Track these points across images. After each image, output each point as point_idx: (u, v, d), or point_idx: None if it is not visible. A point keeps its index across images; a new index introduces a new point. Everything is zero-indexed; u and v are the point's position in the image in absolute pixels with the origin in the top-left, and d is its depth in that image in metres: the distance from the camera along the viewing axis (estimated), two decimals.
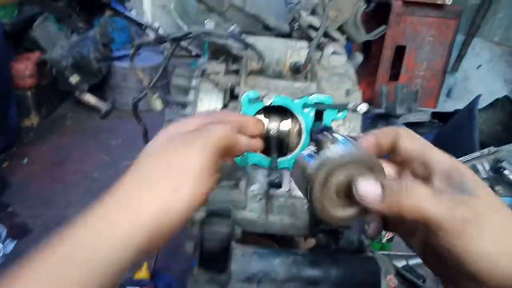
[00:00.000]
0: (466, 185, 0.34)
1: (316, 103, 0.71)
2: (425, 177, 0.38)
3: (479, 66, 2.86)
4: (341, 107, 0.53)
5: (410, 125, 2.44)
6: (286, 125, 0.80)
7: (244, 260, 0.64)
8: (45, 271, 0.34)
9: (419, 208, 0.34)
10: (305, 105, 0.75)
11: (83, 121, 2.82)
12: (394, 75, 2.95)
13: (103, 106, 2.87)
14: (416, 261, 1.37)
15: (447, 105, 3.03)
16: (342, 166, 0.38)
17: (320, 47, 0.89)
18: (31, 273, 0.33)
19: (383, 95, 2.33)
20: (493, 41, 2.80)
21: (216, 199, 0.75)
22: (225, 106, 0.79)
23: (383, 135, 0.41)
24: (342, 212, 0.40)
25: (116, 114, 2.95)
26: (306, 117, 0.75)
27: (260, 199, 0.77)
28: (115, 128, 2.76)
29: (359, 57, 1.04)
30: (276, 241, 1.12)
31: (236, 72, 0.84)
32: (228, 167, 0.61)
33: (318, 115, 0.74)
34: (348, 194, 0.38)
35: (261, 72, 0.84)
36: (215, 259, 0.69)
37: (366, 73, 3.01)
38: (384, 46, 2.79)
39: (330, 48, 0.91)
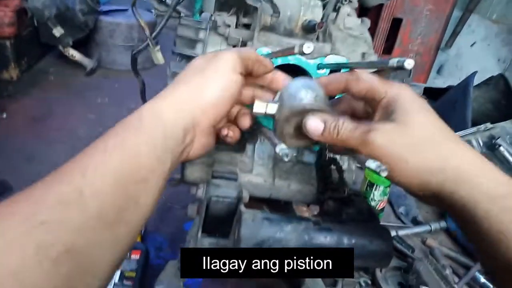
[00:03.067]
0: (395, 113, 0.44)
1: (346, 63, 0.67)
2: (374, 110, 0.48)
3: (474, 43, 2.85)
4: (381, 65, 0.48)
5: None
6: None
7: (254, 226, 0.61)
8: (117, 153, 0.39)
9: (343, 139, 0.45)
10: (320, 66, 0.71)
11: (67, 77, 2.69)
12: (387, 49, 2.91)
13: (88, 62, 2.75)
14: (405, 231, 1.39)
15: (437, 82, 3.03)
16: (293, 115, 0.50)
17: (336, 6, 0.84)
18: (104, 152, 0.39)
19: None
20: (490, 19, 2.77)
21: (222, 160, 0.72)
22: None
23: (334, 79, 0.52)
24: (298, 142, 0.53)
25: (102, 72, 2.84)
26: None
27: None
28: (101, 86, 2.66)
29: (367, 22, 1.00)
30: (275, 210, 1.10)
31: (247, 26, 0.78)
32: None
33: None
34: (302, 133, 0.50)
35: (271, 29, 0.79)
36: (220, 223, 0.66)
37: None
38: (381, 17, 2.74)
39: (346, 9, 0.86)
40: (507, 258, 0.37)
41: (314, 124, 0.47)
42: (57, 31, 2.51)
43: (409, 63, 0.44)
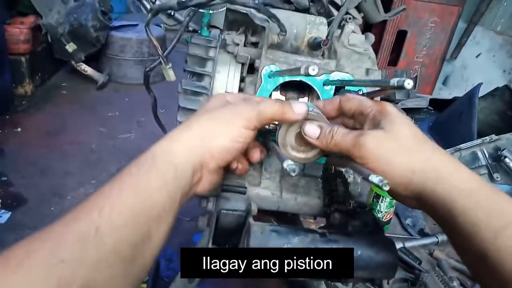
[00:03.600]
0: (382, 123, 0.50)
1: (354, 81, 0.70)
2: (363, 122, 0.53)
3: (479, 55, 2.85)
4: (383, 84, 0.50)
5: (408, 111, 2.43)
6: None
7: (263, 238, 0.62)
8: (132, 190, 0.42)
9: (336, 143, 0.51)
10: (326, 83, 0.74)
11: (79, 92, 2.74)
12: (392, 61, 2.93)
13: (99, 77, 2.80)
14: (412, 243, 1.39)
15: (442, 93, 3.03)
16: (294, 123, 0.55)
17: (341, 24, 0.86)
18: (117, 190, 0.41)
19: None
20: (495, 30, 2.78)
21: (232, 175, 0.73)
22: (243, 79, 0.77)
23: (328, 102, 0.59)
24: (300, 154, 0.58)
25: (113, 87, 2.89)
26: (326, 95, 0.73)
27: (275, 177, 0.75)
28: (111, 100, 2.70)
29: (371, 38, 1.02)
30: (282, 222, 1.12)
31: (255, 44, 0.81)
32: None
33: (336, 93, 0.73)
34: (303, 143, 0.56)
35: (278, 46, 0.81)
36: (230, 235, 0.67)
37: None
38: (386, 30, 2.76)
39: (350, 26, 0.88)
40: (480, 249, 0.40)
41: (312, 130, 0.53)
42: (70, 47, 2.57)
43: (408, 83, 0.46)
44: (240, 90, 0.76)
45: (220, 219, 0.66)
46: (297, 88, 0.77)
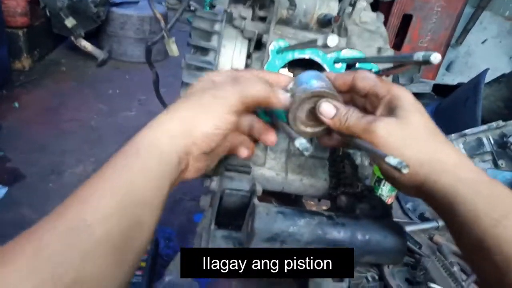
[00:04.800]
0: (396, 110, 0.50)
1: (368, 58, 0.67)
2: (376, 105, 0.53)
3: (485, 41, 2.80)
4: (404, 60, 0.48)
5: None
6: None
7: (268, 219, 0.60)
8: (117, 180, 0.41)
9: (349, 125, 0.51)
10: (337, 60, 0.71)
11: (79, 68, 2.70)
12: (396, 45, 2.88)
13: (99, 54, 2.75)
14: (412, 227, 1.39)
15: (445, 79, 2.98)
16: (307, 98, 0.54)
17: (352, 0, 0.83)
18: (105, 183, 0.41)
19: None
20: (503, 16, 2.72)
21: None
22: (249, 55, 0.74)
23: (341, 76, 0.57)
24: (308, 129, 0.57)
25: (113, 64, 2.85)
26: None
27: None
28: (112, 77, 2.66)
29: (381, 16, 0.99)
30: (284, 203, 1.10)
31: (263, 19, 0.78)
32: None
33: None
34: (314, 117, 0.55)
35: (287, 22, 0.78)
36: (233, 216, 0.66)
37: None
38: (391, 13, 2.70)
39: (362, 2, 0.85)
40: (479, 237, 0.41)
41: (328, 109, 0.53)
42: (69, 22, 2.52)
43: (435, 57, 0.44)
44: (247, 66, 0.73)
45: (223, 199, 0.64)
46: (305, 65, 0.74)
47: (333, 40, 0.47)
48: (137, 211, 0.41)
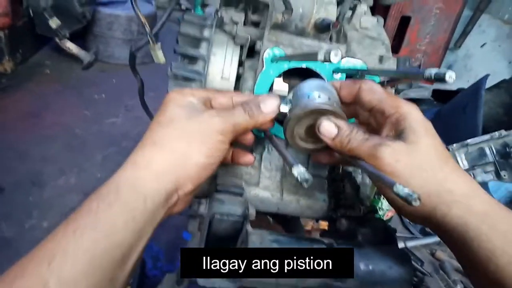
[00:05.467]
0: (404, 132, 0.46)
1: (369, 70, 0.62)
2: (381, 123, 0.50)
3: (484, 44, 2.78)
4: (414, 76, 0.42)
5: (409, 101, 2.36)
6: None
7: None
8: (93, 229, 0.36)
9: (352, 148, 0.48)
10: (336, 70, 0.66)
11: (63, 71, 2.63)
12: (394, 48, 2.85)
13: (85, 56, 2.68)
14: (413, 243, 1.34)
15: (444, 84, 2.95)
16: (306, 115, 0.49)
17: (352, 4, 0.78)
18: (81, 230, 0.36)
19: None
20: (502, 19, 2.70)
21: (226, 172, 0.65)
22: (241, 63, 0.68)
23: (347, 85, 0.53)
24: (306, 145, 0.53)
25: (100, 66, 2.77)
26: None
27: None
28: (98, 81, 2.60)
29: (381, 21, 0.94)
30: (279, 222, 1.04)
31: (256, 24, 0.72)
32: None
33: None
34: (313, 133, 0.50)
35: (282, 27, 0.72)
36: (224, 242, 0.60)
37: None
38: (389, 15, 2.67)
39: (363, 6, 0.80)
40: (496, 276, 0.39)
41: (329, 128, 0.48)
42: (53, 22, 2.43)
43: (450, 76, 0.39)
44: (239, 76, 0.67)
45: (213, 224, 0.59)
46: (302, 75, 0.69)
47: (337, 55, 0.41)
48: (113, 269, 0.36)
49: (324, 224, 0.89)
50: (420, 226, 1.43)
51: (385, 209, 1.29)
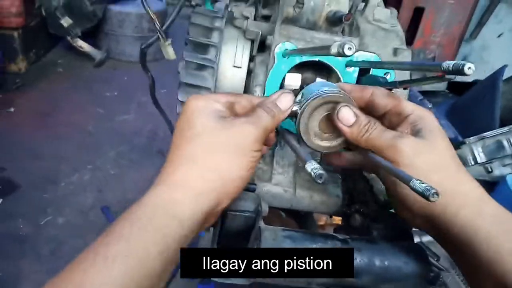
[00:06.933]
0: (422, 131, 0.46)
1: (383, 62, 0.60)
2: (396, 124, 0.49)
3: (501, 34, 2.72)
4: (430, 68, 0.41)
5: (424, 94, 2.32)
6: None
7: (275, 244, 0.55)
8: (127, 250, 0.34)
9: (370, 138, 0.46)
10: (349, 64, 0.64)
11: (76, 69, 2.66)
12: (407, 40, 2.80)
13: (97, 54, 2.71)
14: (429, 238, 1.31)
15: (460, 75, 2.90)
16: (320, 104, 0.48)
17: None
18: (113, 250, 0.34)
19: None
20: None
21: None
22: (252, 58, 0.67)
23: (356, 90, 0.52)
24: (320, 142, 0.51)
25: (111, 64, 2.79)
26: (348, 77, 0.64)
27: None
28: (110, 78, 2.62)
29: (395, 13, 0.92)
30: (291, 216, 1.04)
31: (267, 18, 0.71)
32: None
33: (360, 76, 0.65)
34: (329, 127, 0.50)
35: (293, 21, 0.71)
36: (236, 239, 0.60)
37: None
38: (402, 6, 2.62)
39: None
40: (502, 280, 0.38)
41: (347, 115, 0.47)
42: (65, 21, 2.47)
43: (470, 68, 0.37)
44: (249, 71, 0.66)
45: (226, 221, 0.59)
46: (314, 68, 0.68)
47: (351, 48, 0.40)
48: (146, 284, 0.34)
49: (337, 219, 0.88)
50: None
51: None
